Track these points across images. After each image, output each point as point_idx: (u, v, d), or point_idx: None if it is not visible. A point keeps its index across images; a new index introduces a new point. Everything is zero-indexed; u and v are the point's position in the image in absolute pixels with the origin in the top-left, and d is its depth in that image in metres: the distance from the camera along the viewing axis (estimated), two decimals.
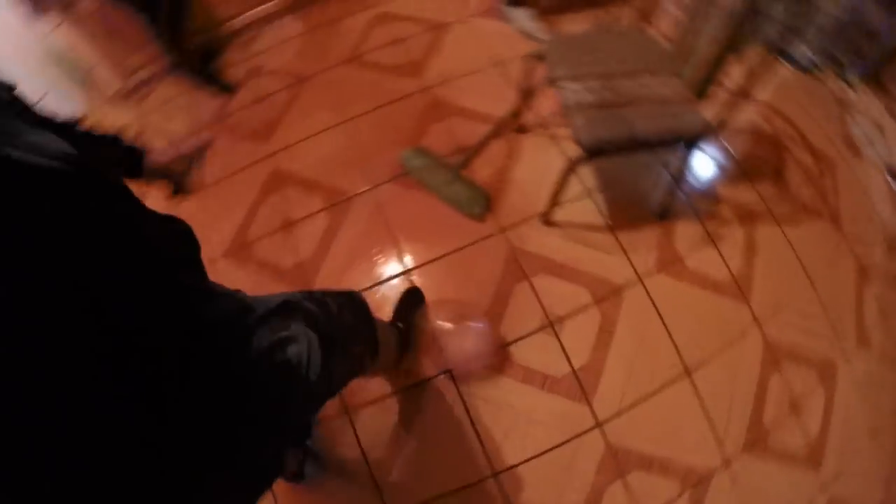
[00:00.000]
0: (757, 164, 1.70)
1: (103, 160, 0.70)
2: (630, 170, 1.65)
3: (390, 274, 1.52)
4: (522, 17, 1.94)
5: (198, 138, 0.90)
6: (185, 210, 1.86)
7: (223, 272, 1.65)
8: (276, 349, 0.65)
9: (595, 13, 1.99)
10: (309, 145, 1.79)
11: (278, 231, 1.63)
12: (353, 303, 0.94)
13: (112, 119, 2.22)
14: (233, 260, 1.65)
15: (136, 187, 0.59)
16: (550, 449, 1.28)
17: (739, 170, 1.69)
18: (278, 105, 1.90)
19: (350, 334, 0.88)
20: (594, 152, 1.25)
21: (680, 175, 1.56)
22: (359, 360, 0.94)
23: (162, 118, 2.03)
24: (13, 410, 0.33)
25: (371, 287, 1.51)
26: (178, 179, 0.85)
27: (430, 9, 2.03)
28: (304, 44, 2.03)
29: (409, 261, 1.53)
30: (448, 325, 1.44)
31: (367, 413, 1.34)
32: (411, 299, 1.42)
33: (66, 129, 0.63)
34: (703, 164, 1.70)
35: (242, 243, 1.65)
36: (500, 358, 1.38)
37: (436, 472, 1.28)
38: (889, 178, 1.69)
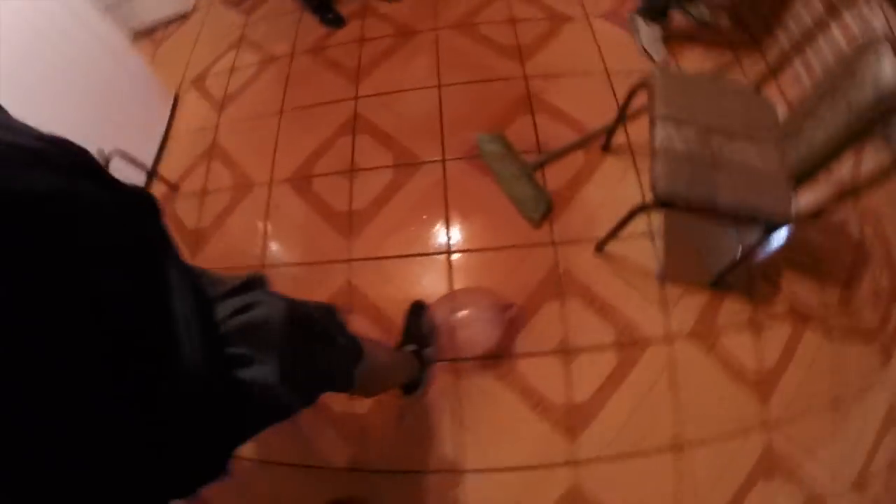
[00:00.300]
0: (832, 265, 1.60)
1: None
2: (702, 227, 1.58)
3: (433, 249, 1.54)
4: (649, 34, 1.84)
5: None
6: (267, 126, 1.95)
7: (281, 196, 1.73)
8: (237, 314, 0.62)
9: (723, 53, 1.86)
10: (395, 99, 1.80)
11: (342, 174, 1.68)
12: (329, 312, 0.88)
13: (220, 19, 2.29)
14: (293, 187, 1.72)
15: None
16: (519, 468, 1.30)
17: (812, 265, 1.60)
18: (378, 51, 1.90)
19: (325, 326, 0.83)
20: (666, 204, 1.21)
21: (749, 254, 1.49)
22: (345, 350, 0.89)
23: (266, 31, 2.08)
24: (13, 410, 0.33)
25: (409, 256, 1.55)
26: None
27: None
28: None
29: (455, 242, 1.55)
30: (459, 314, 1.46)
31: None
32: (417, 312, 1.44)
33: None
34: (777, 248, 1.61)
35: (306, 175, 1.71)
36: (504, 363, 1.40)
37: (404, 448, 1.33)
38: None
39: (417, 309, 1.45)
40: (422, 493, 1.30)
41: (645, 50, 1.85)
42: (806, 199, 1.20)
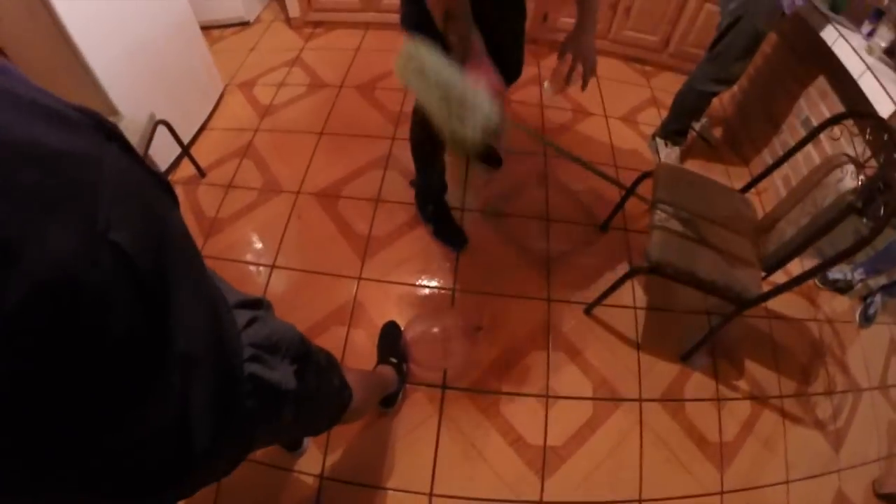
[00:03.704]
0: (792, 356, 1.78)
1: None
2: (678, 307, 1.76)
3: (439, 285, 1.67)
4: (668, 155, 2.09)
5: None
6: (305, 142, 2.08)
7: (306, 206, 1.84)
8: (254, 324, 0.63)
9: (716, 166, 2.13)
10: None
11: (368, 201, 1.82)
12: (330, 358, 0.91)
13: (279, 36, 2.48)
14: (319, 201, 1.84)
15: None
16: (489, 500, 1.36)
17: (773, 353, 1.78)
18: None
19: (326, 365, 0.86)
20: (655, 269, 1.39)
21: (716, 331, 1.66)
22: (337, 393, 0.91)
23: (321, 59, 2.27)
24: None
25: (415, 286, 1.67)
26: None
27: (579, 96, 2.23)
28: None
29: (459, 282, 1.68)
30: (433, 331, 1.57)
31: None
32: (394, 332, 1.52)
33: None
34: (743, 330, 1.80)
35: (334, 194, 1.84)
36: (489, 398, 1.50)
37: (379, 467, 1.38)
38: None
39: (392, 328, 1.54)
40: None
41: (658, 156, 2.10)
42: (765, 287, 1.38)
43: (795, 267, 1.61)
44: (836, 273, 1.94)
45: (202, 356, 0.47)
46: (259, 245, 1.77)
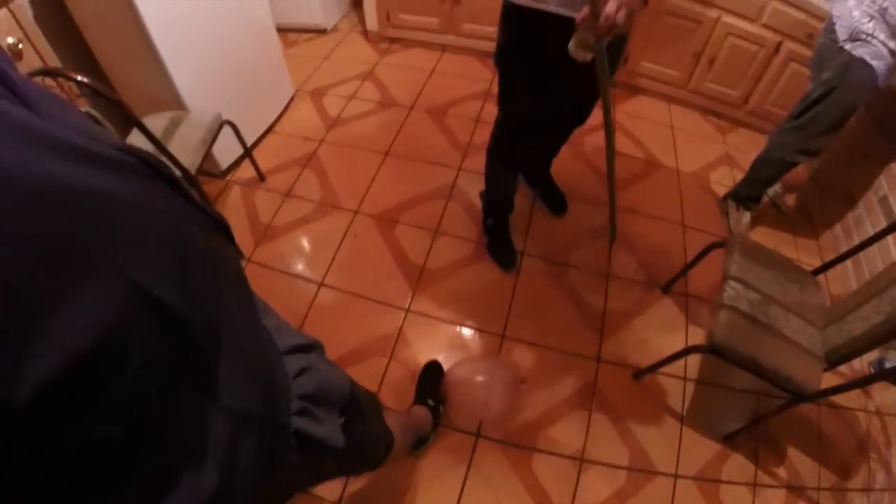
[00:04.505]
0: (836, 446, 1.71)
1: None
2: (728, 386, 1.71)
3: (488, 328, 1.66)
4: (738, 218, 2.01)
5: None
6: (369, 160, 2.07)
7: (362, 227, 1.85)
8: (305, 373, 0.60)
9: (786, 237, 2.05)
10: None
11: (426, 230, 1.81)
12: (374, 401, 0.89)
13: (355, 47, 2.48)
14: (376, 224, 1.85)
15: None
16: None
17: (818, 441, 1.71)
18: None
19: (371, 413, 0.83)
20: (717, 352, 1.34)
21: (766, 418, 1.61)
22: (380, 440, 0.89)
23: (395, 77, 2.26)
24: None
25: (464, 325, 1.66)
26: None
27: (652, 145, 2.18)
28: None
29: (509, 328, 1.66)
30: (476, 378, 1.52)
31: None
32: (436, 373, 1.50)
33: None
34: (791, 415, 1.73)
35: (392, 218, 1.84)
36: (522, 452, 1.48)
37: (398, 500, 1.36)
38: None
39: (434, 368, 1.53)
40: None
41: (728, 224, 2.02)
42: (826, 381, 1.33)
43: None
44: (893, 361, 1.85)
45: (253, 413, 0.44)
46: (310, 259, 1.79)
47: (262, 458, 0.46)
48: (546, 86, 1.28)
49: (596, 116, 1.44)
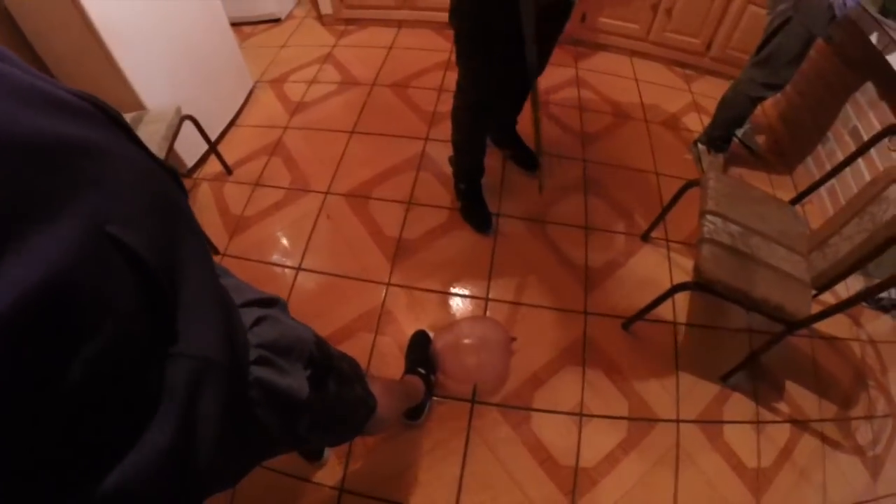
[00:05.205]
0: (833, 377, 1.71)
1: None
2: (722, 323, 1.69)
3: (472, 293, 1.62)
4: (710, 162, 2.01)
5: None
6: (335, 140, 2.04)
7: (335, 207, 1.81)
8: (262, 322, 0.58)
9: (760, 176, 2.04)
10: None
11: (399, 203, 1.77)
12: (353, 364, 0.86)
13: (311, 33, 2.44)
14: (348, 202, 1.80)
15: None
16: None
17: (815, 374, 1.70)
18: None
19: (348, 374, 0.80)
20: (704, 286, 1.31)
21: (761, 352, 1.59)
22: (360, 403, 0.86)
23: (354, 57, 2.22)
24: None
25: (447, 293, 1.62)
26: None
27: (619, 99, 2.14)
28: None
29: (494, 291, 1.63)
30: (464, 342, 1.48)
31: None
32: (423, 342, 1.48)
33: None
34: (785, 350, 1.72)
35: (364, 195, 1.80)
36: (521, 413, 1.45)
37: (402, 482, 1.33)
38: None
39: (421, 337, 1.50)
40: None
41: (701, 165, 2.02)
42: (815, 308, 1.31)
43: (841, 285, 1.53)
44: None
45: (210, 358, 0.43)
46: (285, 245, 1.74)
47: (221, 409, 0.44)
48: (505, 38, 1.25)
49: (551, 73, 1.42)
